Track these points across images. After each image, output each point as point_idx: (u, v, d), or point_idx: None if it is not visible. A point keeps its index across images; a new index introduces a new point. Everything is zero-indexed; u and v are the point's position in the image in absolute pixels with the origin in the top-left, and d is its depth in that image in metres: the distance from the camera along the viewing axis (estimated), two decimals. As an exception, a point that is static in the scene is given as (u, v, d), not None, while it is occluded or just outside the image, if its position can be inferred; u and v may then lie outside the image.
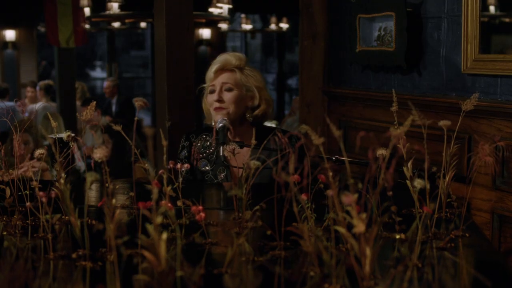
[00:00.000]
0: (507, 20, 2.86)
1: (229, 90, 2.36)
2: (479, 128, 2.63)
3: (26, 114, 7.64)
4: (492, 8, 2.78)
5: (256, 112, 2.41)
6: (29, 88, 8.46)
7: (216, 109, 2.36)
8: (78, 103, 7.97)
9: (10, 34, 10.37)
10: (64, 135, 2.04)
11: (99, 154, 1.37)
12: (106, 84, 8.37)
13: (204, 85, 2.44)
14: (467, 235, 1.56)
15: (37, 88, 8.03)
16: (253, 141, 1.62)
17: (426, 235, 1.54)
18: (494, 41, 2.77)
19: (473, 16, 2.62)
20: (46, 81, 8.01)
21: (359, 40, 3.26)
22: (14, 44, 10.44)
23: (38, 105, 7.41)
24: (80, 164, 5.13)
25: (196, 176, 2.39)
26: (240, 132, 2.39)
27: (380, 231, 1.55)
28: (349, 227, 1.14)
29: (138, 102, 1.42)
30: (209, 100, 2.39)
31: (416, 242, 1.38)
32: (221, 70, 2.37)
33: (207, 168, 2.38)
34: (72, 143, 1.75)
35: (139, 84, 14.25)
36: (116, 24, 8.41)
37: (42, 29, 10.36)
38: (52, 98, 7.99)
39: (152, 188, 1.27)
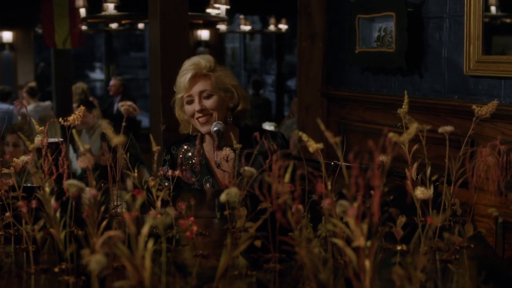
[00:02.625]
0: (508, 20, 2.79)
1: (209, 97, 2.25)
2: (482, 131, 2.55)
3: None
4: (493, 9, 2.71)
5: (236, 111, 2.33)
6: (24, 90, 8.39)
7: (199, 118, 2.25)
8: (75, 105, 7.90)
9: (7, 36, 10.30)
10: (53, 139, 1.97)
11: (83, 163, 1.30)
12: (112, 82, 8.27)
13: (179, 96, 2.29)
14: (472, 246, 1.48)
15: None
16: (236, 145, 1.55)
17: (429, 246, 1.46)
18: (494, 42, 2.70)
19: (476, 16, 2.55)
20: (29, 84, 7.93)
21: (359, 41, 3.19)
22: (11, 45, 10.37)
23: (28, 108, 7.32)
24: (76, 166, 5.05)
25: (182, 189, 2.31)
26: (224, 136, 2.26)
27: (380, 241, 1.48)
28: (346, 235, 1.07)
29: (124, 106, 1.34)
30: (189, 111, 2.27)
31: (418, 254, 1.30)
32: (195, 77, 2.24)
33: (192, 179, 2.29)
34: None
35: (138, 85, 14.19)
36: (114, 25, 8.34)
37: (40, 31, 10.29)
38: (44, 99, 7.91)
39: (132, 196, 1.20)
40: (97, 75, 14.96)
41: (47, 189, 1.42)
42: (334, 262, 1.36)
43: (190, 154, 2.33)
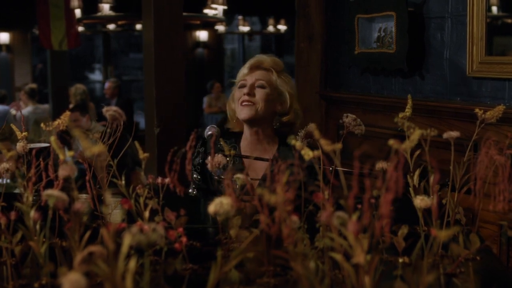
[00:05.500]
0: (509, 21, 2.71)
1: (262, 87, 2.21)
2: (485, 134, 2.47)
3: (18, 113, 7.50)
4: (494, 9, 2.63)
5: (284, 119, 2.27)
6: (23, 91, 8.32)
7: (244, 102, 2.20)
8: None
9: (4, 37, 10.25)
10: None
11: (65, 171, 1.22)
12: (107, 85, 8.24)
13: (234, 80, 2.31)
14: (478, 258, 1.40)
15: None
16: (228, 151, 1.47)
17: (433, 258, 1.38)
18: (495, 42, 2.62)
19: (479, 15, 2.47)
20: (29, 85, 7.86)
21: (358, 42, 3.11)
22: (8, 47, 10.31)
23: (26, 110, 7.25)
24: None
25: (209, 185, 2.25)
26: (263, 139, 2.26)
27: (381, 254, 1.40)
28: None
29: (109, 112, 1.26)
30: (237, 95, 2.24)
31: (421, 267, 1.22)
32: (257, 67, 2.25)
33: (222, 177, 2.22)
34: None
35: (138, 86, 14.12)
36: (111, 26, 8.28)
37: (37, 32, 10.25)
38: (40, 100, 7.85)
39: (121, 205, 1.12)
40: (97, 76, 14.90)
41: (29, 198, 1.34)
42: (332, 276, 1.29)
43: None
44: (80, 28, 7.79)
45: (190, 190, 2.24)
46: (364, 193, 1.03)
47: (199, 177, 2.26)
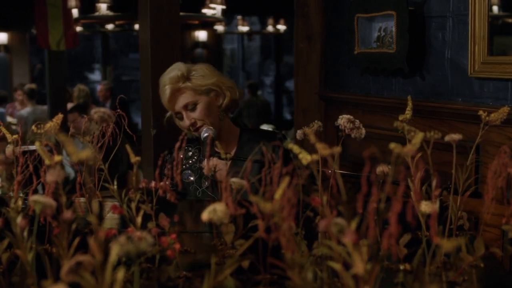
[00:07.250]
0: (510, 20, 2.66)
1: (193, 108, 2.21)
2: (488, 136, 2.42)
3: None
4: (495, 8, 2.58)
5: (224, 104, 2.27)
6: (19, 92, 8.27)
7: (193, 129, 2.23)
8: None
9: (2, 37, 10.21)
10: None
11: (52, 176, 1.17)
12: (99, 88, 8.22)
13: (168, 114, 2.32)
14: (481, 265, 1.35)
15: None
16: (224, 154, 1.42)
17: (435, 265, 1.33)
18: (496, 42, 2.57)
19: (481, 15, 2.42)
20: (29, 85, 7.83)
21: (358, 42, 3.07)
22: (6, 47, 10.27)
23: (25, 111, 7.20)
24: (70, 170, 4.93)
25: (176, 189, 2.23)
26: (224, 135, 2.29)
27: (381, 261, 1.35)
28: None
29: (98, 113, 1.22)
30: (183, 126, 2.25)
31: (423, 275, 1.18)
32: (173, 94, 2.21)
33: (191, 178, 2.24)
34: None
35: (138, 86, 14.09)
36: (110, 26, 8.24)
37: (35, 32, 10.21)
38: (38, 101, 7.81)
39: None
40: (96, 76, 14.88)
41: (18, 203, 1.30)
42: (331, 284, 1.24)
43: (190, 153, 2.30)
44: (79, 28, 7.74)
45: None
46: (362, 196, 0.98)
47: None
